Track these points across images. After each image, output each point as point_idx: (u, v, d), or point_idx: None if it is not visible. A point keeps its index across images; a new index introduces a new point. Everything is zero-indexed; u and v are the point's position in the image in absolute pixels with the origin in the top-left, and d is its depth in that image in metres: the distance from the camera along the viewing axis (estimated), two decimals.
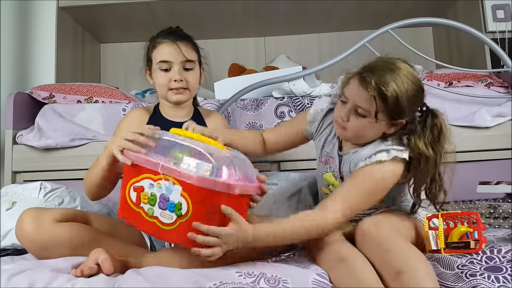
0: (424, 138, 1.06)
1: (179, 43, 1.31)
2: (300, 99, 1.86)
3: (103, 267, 0.93)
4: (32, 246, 1.06)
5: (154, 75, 1.33)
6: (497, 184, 1.51)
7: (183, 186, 0.88)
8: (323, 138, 1.25)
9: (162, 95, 1.35)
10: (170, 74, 1.30)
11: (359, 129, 1.09)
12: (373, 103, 1.04)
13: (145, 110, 1.40)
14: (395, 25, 1.84)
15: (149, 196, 0.92)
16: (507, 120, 1.80)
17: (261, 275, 0.90)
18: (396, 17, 2.05)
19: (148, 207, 0.92)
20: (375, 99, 1.03)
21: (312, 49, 2.93)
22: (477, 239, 1.01)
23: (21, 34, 2.24)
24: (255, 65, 2.80)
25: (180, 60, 1.30)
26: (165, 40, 1.31)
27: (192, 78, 1.33)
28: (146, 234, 1.27)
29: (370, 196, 1.06)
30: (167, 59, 1.30)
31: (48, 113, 1.85)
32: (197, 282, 0.85)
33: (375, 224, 1.01)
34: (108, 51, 2.92)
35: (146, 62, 1.38)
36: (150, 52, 1.34)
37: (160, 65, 1.31)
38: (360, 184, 1.05)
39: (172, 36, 1.32)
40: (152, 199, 0.92)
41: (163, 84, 1.31)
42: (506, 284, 0.87)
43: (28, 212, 1.08)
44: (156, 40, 1.33)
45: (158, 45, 1.32)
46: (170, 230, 0.91)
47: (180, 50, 1.30)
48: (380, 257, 0.95)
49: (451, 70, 1.95)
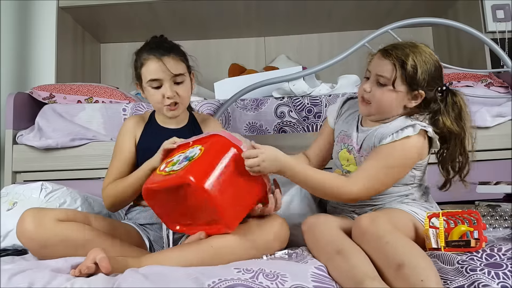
0: (448, 115, 1.15)
1: (165, 59, 1.27)
2: (300, 99, 1.86)
3: (101, 266, 0.93)
4: (32, 244, 1.07)
5: (147, 92, 1.31)
6: (497, 184, 1.51)
7: (203, 143, 1.09)
8: (341, 120, 1.31)
9: (157, 110, 1.35)
10: (162, 91, 1.28)
11: (381, 100, 1.15)
12: (393, 71, 1.12)
13: (140, 118, 1.40)
14: (395, 25, 1.84)
15: (174, 161, 1.09)
16: (507, 120, 1.80)
17: (260, 270, 0.90)
18: (396, 17, 2.05)
19: (169, 168, 1.08)
20: (395, 67, 1.12)
21: (312, 49, 2.93)
22: (477, 238, 1.01)
23: (21, 34, 2.25)
24: (255, 65, 2.81)
25: (169, 76, 1.28)
26: (151, 56, 1.27)
27: (183, 91, 1.31)
28: (146, 236, 1.27)
29: (394, 173, 1.13)
30: (156, 77, 1.27)
31: (48, 113, 1.86)
32: (197, 280, 0.85)
33: (373, 220, 1.01)
34: (108, 51, 2.92)
35: (136, 78, 1.35)
36: (139, 70, 1.31)
37: (151, 83, 1.28)
38: (387, 160, 1.11)
39: (157, 51, 1.28)
40: (176, 162, 1.08)
41: (157, 101, 1.30)
42: (506, 280, 0.87)
43: (29, 211, 1.09)
44: (142, 56, 1.29)
45: (145, 63, 1.28)
46: (180, 170, 1.03)
47: (166, 67, 1.27)
48: (380, 250, 0.95)
49: (451, 70, 1.95)
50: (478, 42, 2.11)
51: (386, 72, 1.13)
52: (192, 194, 1.03)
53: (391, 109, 1.17)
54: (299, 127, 1.85)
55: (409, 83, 1.13)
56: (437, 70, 1.16)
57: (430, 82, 1.14)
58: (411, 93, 1.14)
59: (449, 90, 1.18)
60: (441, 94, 1.17)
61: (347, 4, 2.53)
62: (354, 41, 1.89)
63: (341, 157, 1.26)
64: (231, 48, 2.93)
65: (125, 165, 1.32)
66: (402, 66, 1.12)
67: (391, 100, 1.15)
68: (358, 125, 1.25)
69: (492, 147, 1.79)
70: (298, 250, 1.13)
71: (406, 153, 1.12)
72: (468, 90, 1.86)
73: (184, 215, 1.11)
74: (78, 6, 2.37)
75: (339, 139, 1.29)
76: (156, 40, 1.35)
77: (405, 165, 1.14)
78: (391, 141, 1.12)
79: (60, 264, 0.98)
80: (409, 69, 1.11)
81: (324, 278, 0.93)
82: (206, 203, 1.01)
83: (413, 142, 1.12)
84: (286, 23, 2.76)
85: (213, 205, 1.00)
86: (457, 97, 1.18)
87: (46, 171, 1.80)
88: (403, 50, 1.14)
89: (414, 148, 1.12)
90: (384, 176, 1.11)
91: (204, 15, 2.56)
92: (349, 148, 1.24)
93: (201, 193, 1.00)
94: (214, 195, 0.99)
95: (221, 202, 1.01)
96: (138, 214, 1.32)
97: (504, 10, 2.27)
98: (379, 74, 1.14)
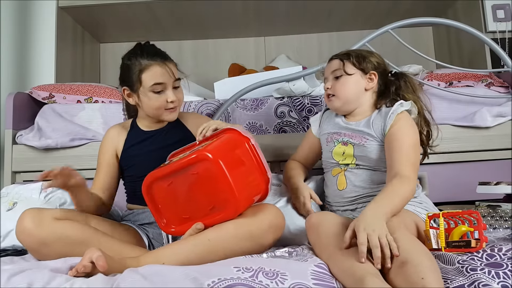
0: (407, 91, 1.31)
1: (168, 63, 1.30)
2: (300, 99, 1.86)
3: (97, 265, 0.93)
4: (31, 241, 1.07)
5: (144, 98, 1.30)
6: (497, 184, 1.51)
7: (215, 137, 1.16)
8: (325, 125, 1.40)
9: (155, 115, 1.34)
10: (165, 96, 1.29)
11: (342, 89, 1.30)
12: (341, 63, 1.31)
13: (122, 127, 1.41)
14: (395, 25, 1.84)
15: (180, 157, 1.13)
16: (507, 120, 1.79)
17: (260, 269, 0.90)
18: (396, 17, 2.04)
19: (176, 159, 1.13)
20: (341, 60, 1.31)
21: (312, 49, 2.93)
22: (478, 239, 1.01)
23: (21, 34, 2.25)
24: (255, 65, 2.81)
25: (171, 80, 1.30)
26: (153, 62, 1.28)
27: (181, 95, 1.35)
28: (145, 235, 1.27)
29: (417, 147, 1.23)
30: (162, 81, 1.28)
31: (48, 113, 1.85)
32: (196, 279, 0.85)
33: None
34: (108, 51, 2.92)
35: (125, 82, 1.33)
36: (137, 75, 1.28)
37: (154, 88, 1.28)
38: (408, 139, 1.19)
39: (158, 56, 1.29)
40: (182, 156, 1.12)
41: (158, 107, 1.30)
42: (506, 280, 0.87)
43: (28, 211, 1.09)
44: (141, 62, 1.28)
45: (148, 68, 1.28)
46: (191, 153, 1.09)
47: (171, 72, 1.29)
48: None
49: (451, 70, 1.95)
50: (478, 42, 2.11)
51: (336, 66, 1.32)
52: (203, 174, 1.06)
53: (355, 94, 1.30)
54: (299, 127, 1.85)
55: (359, 67, 1.30)
56: (380, 59, 1.35)
57: (377, 67, 1.32)
58: (365, 76, 1.31)
59: (399, 73, 1.36)
60: (393, 77, 1.34)
61: (347, 4, 2.53)
62: (354, 41, 1.89)
63: (336, 153, 1.31)
64: (231, 48, 2.93)
65: (107, 176, 1.36)
66: (348, 58, 1.31)
67: (350, 85, 1.30)
68: (343, 122, 1.34)
69: (492, 147, 1.79)
70: (299, 248, 1.13)
71: (411, 123, 1.23)
72: (468, 90, 1.86)
73: (183, 209, 1.11)
74: (78, 6, 2.38)
75: (329, 139, 1.35)
76: (149, 46, 1.34)
77: (417, 137, 1.23)
78: (394, 119, 1.22)
79: (59, 265, 0.98)
80: (353, 57, 1.31)
81: (324, 275, 0.93)
82: (217, 180, 1.05)
83: (407, 115, 1.25)
84: (286, 23, 2.76)
85: (226, 181, 1.04)
86: (407, 77, 1.35)
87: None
88: (343, 51, 1.36)
89: (411, 119, 1.25)
90: (415, 154, 1.19)
91: (203, 15, 2.56)
92: (344, 140, 1.30)
93: (216, 168, 1.04)
94: (229, 171, 1.05)
95: (233, 179, 1.05)
96: (136, 216, 1.33)
97: (504, 10, 2.27)
98: (332, 70, 1.32)
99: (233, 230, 1.06)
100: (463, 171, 1.77)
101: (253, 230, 1.08)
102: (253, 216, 1.10)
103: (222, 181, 1.05)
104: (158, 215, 1.15)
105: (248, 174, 1.12)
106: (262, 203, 1.17)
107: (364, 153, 1.25)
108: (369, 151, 1.25)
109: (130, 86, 1.32)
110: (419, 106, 1.30)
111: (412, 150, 1.18)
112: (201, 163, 1.06)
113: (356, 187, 1.25)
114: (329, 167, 1.34)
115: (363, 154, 1.26)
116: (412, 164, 1.15)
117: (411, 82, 1.34)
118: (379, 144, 1.24)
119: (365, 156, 1.25)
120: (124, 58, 1.33)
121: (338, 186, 1.29)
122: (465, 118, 1.80)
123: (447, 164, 1.77)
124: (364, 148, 1.25)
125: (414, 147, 1.19)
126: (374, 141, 1.25)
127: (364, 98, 1.31)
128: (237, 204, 1.07)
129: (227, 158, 1.07)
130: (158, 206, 1.14)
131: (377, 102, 1.32)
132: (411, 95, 1.31)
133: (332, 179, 1.31)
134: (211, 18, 2.61)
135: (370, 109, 1.32)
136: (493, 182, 1.52)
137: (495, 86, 1.88)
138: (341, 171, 1.29)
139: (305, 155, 1.48)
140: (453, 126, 1.79)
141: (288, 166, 1.47)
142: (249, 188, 1.12)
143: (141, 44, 1.34)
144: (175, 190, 1.11)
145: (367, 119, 1.29)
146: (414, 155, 1.18)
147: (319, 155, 1.44)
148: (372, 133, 1.25)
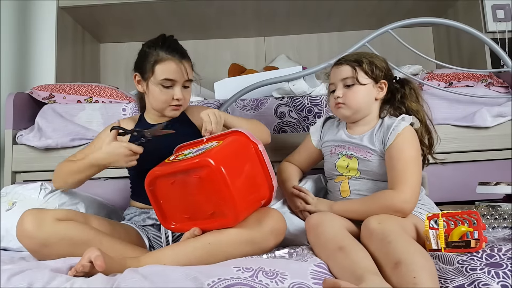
0: (411, 99, 1.30)
1: (184, 62, 1.30)
2: (300, 99, 1.86)
3: (95, 264, 0.93)
4: (33, 243, 1.07)
5: (152, 89, 1.31)
6: (497, 184, 1.51)
7: (221, 138, 1.13)
8: (327, 137, 1.38)
9: (158, 109, 1.35)
10: (172, 92, 1.30)
11: (354, 98, 1.26)
12: (353, 70, 1.26)
13: (132, 120, 1.44)
14: (395, 25, 1.84)
15: (185, 154, 1.13)
16: (507, 120, 1.79)
17: (259, 269, 0.90)
18: (396, 17, 2.04)
19: (181, 157, 1.12)
20: (353, 67, 1.26)
21: (312, 49, 2.93)
22: (477, 239, 1.01)
23: (21, 34, 2.24)
24: (255, 65, 2.81)
25: (184, 79, 1.31)
26: (170, 57, 1.29)
27: (188, 95, 1.35)
28: (145, 235, 1.27)
29: (419, 160, 1.21)
30: (173, 77, 1.29)
31: (48, 113, 1.85)
32: (196, 279, 0.85)
33: (381, 221, 1.04)
34: (108, 51, 2.92)
35: (138, 68, 1.34)
36: (152, 65, 1.29)
37: (164, 82, 1.29)
38: (409, 152, 1.18)
39: (177, 53, 1.30)
40: (188, 153, 1.12)
41: (163, 101, 1.31)
42: (505, 279, 0.87)
43: (28, 212, 1.09)
44: (159, 53, 1.29)
45: (164, 61, 1.29)
46: (195, 156, 1.07)
47: (185, 71, 1.30)
48: (382, 249, 0.96)
49: (451, 70, 1.95)
50: (478, 42, 2.11)
51: (348, 73, 1.27)
52: (205, 179, 1.03)
53: (365, 103, 1.27)
54: (299, 127, 1.85)
55: (371, 76, 1.26)
56: (386, 63, 1.32)
57: (386, 74, 1.29)
58: (376, 85, 1.28)
59: (404, 80, 1.34)
60: (398, 85, 1.32)
61: (347, 4, 2.53)
62: (354, 41, 1.89)
63: (340, 166, 1.30)
64: (231, 48, 2.93)
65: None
66: (359, 65, 1.26)
67: (362, 95, 1.26)
68: (345, 134, 1.33)
69: (492, 147, 1.79)
70: (299, 249, 1.13)
71: (411, 139, 1.21)
72: (468, 90, 1.86)
73: (184, 208, 1.11)
74: (78, 6, 2.38)
75: (332, 151, 1.34)
76: (171, 40, 1.35)
77: (418, 152, 1.21)
78: (395, 137, 1.19)
79: (60, 264, 0.98)
80: (366, 65, 1.26)
81: (324, 275, 0.93)
82: (218, 188, 1.02)
83: (410, 129, 1.23)
84: (286, 23, 2.76)
85: (227, 190, 1.01)
86: (412, 84, 1.33)
87: (46, 171, 1.80)
88: (352, 55, 1.30)
89: (414, 134, 1.23)
90: (414, 170, 1.17)
91: (204, 15, 2.56)
92: (348, 154, 1.28)
93: (218, 176, 1.01)
94: (231, 180, 1.01)
95: (235, 189, 1.02)
96: (136, 216, 1.33)
97: (504, 10, 2.27)
98: (343, 77, 1.27)
99: (234, 235, 1.05)
100: (463, 171, 1.77)
101: (255, 235, 1.07)
102: (255, 222, 1.09)
103: (223, 189, 1.02)
104: (159, 210, 1.15)
105: (252, 182, 1.09)
106: (264, 208, 1.16)
107: (369, 167, 1.25)
108: (374, 165, 1.25)
109: (142, 73, 1.33)
110: (422, 116, 1.28)
111: (411, 166, 1.16)
112: (203, 168, 1.03)
113: (361, 196, 1.25)
114: (332, 177, 1.35)
115: (368, 169, 1.25)
116: (408, 181, 1.14)
117: (416, 90, 1.32)
118: (383, 158, 1.24)
119: (370, 170, 1.25)
120: (144, 45, 1.35)
121: (342, 194, 1.29)
122: (465, 118, 1.80)
123: (447, 164, 1.77)
124: (369, 163, 1.25)
125: (413, 164, 1.17)
126: (377, 156, 1.25)
127: (373, 106, 1.30)
128: (237, 213, 1.05)
129: (231, 164, 1.04)
130: (159, 201, 1.14)
131: (381, 110, 1.31)
132: (415, 103, 1.29)
133: (335, 185, 1.32)
134: (211, 18, 2.61)
135: (375, 118, 1.30)
136: (493, 182, 1.52)
137: (495, 86, 1.88)
138: (345, 178, 1.29)
139: (301, 161, 1.47)
140: (453, 126, 1.79)
141: (282, 168, 1.46)
142: (252, 196, 1.09)
143: (165, 36, 1.34)
144: (177, 189, 1.10)
145: (369, 133, 1.28)
146: (413, 171, 1.16)
147: (316, 162, 1.45)
148: (376, 149, 1.25)
